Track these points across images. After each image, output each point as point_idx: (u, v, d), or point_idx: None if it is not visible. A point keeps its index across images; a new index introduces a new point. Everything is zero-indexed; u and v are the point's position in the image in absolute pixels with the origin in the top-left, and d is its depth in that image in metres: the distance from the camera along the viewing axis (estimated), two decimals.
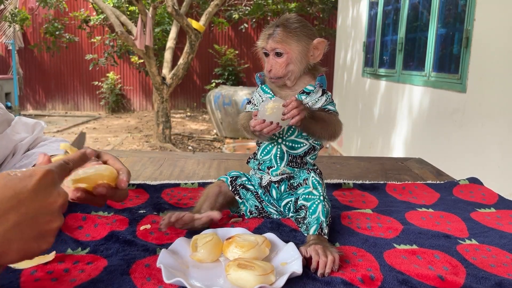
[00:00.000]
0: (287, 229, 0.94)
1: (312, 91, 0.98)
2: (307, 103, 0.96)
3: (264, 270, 0.69)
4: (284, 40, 0.93)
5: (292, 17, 0.96)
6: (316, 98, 0.98)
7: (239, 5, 9.97)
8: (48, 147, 1.07)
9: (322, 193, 0.92)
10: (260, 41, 0.97)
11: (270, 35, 0.94)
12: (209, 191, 0.99)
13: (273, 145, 0.98)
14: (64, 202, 0.60)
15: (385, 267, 0.78)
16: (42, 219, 0.57)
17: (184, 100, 11.15)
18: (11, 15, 8.46)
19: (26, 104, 11.01)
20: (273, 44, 0.94)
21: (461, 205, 1.15)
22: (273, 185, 0.98)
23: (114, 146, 6.98)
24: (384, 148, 4.59)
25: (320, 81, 0.98)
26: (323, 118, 0.95)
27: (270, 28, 0.96)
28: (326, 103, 0.98)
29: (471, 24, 2.95)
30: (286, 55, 0.94)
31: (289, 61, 0.94)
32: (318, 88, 0.98)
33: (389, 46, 4.72)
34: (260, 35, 0.97)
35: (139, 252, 0.81)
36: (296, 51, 0.94)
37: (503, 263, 0.82)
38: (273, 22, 0.97)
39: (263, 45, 0.96)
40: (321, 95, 0.98)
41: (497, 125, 2.66)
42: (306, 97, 0.97)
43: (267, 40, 0.94)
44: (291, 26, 0.94)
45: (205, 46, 10.28)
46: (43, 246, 0.58)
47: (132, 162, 1.56)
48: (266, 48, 0.95)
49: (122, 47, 9.64)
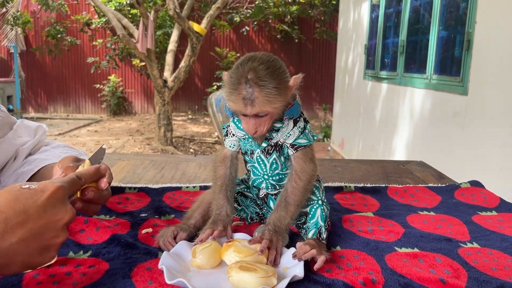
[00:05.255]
0: (289, 233, 0.94)
1: (281, 127, 0.88)
2: (278, 140, 0.88)
3: (266, 272, 0.69)
4: (266, 104, 0.79)
5: (261, 68, 0.78)
6: (287, 133, 0.88)
7: (240, 8, 9.99)
8: (50, 153, 1.07)
9: (320, 197, 0.91)
10: (233, 103, 0.80)
11: (246, 100, 0.78)
12: (204, 198, 0.96)
13: (261, 180, 0.94)
14: (70, 219, 0.62)
15: (387, 271, 0.78)
16: (48, 235, 0.59)
17: (186, 102, 11.17)
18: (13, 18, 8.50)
19: (28, 107, 11.03)
20: (255, 110, 0.79)
21: (462, 208, 1.15)
22: (270, 197, 0.96)
23: (116, 149, 6.98)
24: (386, 151, 4.59)
25: (289, 114, 0.86)
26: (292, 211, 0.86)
27: (240, 88, 0.78)
28: (297, 136, 0.88)
29: (472, 27, 2.95)
30: (270, 113, 0.82)
31: (272, 116, 0.83)
32: (287, 122, 0.87)
33: (390, 48, 4.72)
34: (227, 92, 0.81)
35: (141, 255, 0.81)
36: (279, 106, 0.82)
37: (505, 266, 0.82)
38: (238, 74, 0.79)
39: (240, 110, 0.81)
40: (292, 127, 0.88)
41: (498, 128, 2.65)
42: (276, 134, 0.88)
43: (245, 105, 0.79)
44: (268, 85, 0.78)
45: (207, 49, 10.30)
46: (46, 259, 0.60)
47: (133, 165, 1.56)
48: (245, 114, 0.81)
49: (123, 50, 9.67)
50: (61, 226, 0.61)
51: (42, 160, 1.01)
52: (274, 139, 0.89)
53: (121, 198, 1.15)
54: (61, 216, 0.60)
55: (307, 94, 11.14)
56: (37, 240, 0.58)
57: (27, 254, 0.57)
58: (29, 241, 0.57)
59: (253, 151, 0.92)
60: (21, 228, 0.56)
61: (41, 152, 1.08)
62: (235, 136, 0.92)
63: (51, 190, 0.60)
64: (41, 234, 0.58)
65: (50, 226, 0.59)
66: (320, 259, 0.78)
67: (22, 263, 0.57)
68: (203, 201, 0.96)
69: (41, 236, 0.58)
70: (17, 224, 0.56)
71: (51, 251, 0.60)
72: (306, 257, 0.77)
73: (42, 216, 0.58)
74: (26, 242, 0.57)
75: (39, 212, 0.58)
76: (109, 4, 8.42)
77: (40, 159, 1.02)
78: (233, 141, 0.93)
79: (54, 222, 0.60)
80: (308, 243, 0.80)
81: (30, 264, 0.58)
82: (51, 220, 0.59)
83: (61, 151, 1.09)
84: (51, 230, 0.59)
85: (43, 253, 0.59)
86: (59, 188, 0.61)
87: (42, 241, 0.58)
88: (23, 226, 0.56)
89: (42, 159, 1.01)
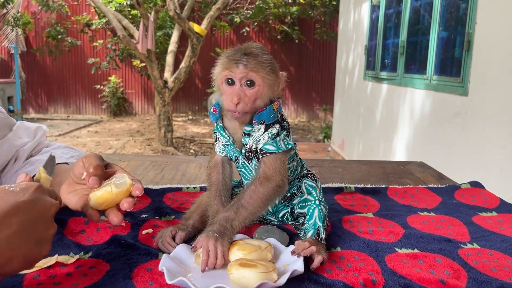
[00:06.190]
0: (288, 233, 0.94)
1: (251, 131, 0.86)
2: (251, 146, 0.87)
3: (266, 268, 0.70)
4: (257, 70, 0.81)
5: (258, 46, 0.84)
6: (257, 138, 0.86)
7: (240, 9, 10.00)
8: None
9: (317, 196, 0.91)
10: (222, 67, 0.82)
11: (238, 62, 0.81)
12: (203, 199, 0.96)
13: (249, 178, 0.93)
14: (55, 210, 0.65)
15: (387, 271, 0.78)
16: (41, 226, 0.62)
17: (186, 103, 11.18)
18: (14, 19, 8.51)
19: (28, 107, 11.04)
20: (245, 71, 0.80)
21: (462, 209, 1.15)
22: None
23: (116, 150, 6.98)
24: (386, 152, 4.59)
25: (258, 118, 0.84)
26: (244, 215, 0.81)
27: (235, 55, 0.82)
28: (265, 142, 0.85)
29: (472, 27, 2.95)
30: (258, 87, 0.82)
31: (258, 95, 0.82)
32: (257, 126, 0.85)
33: (390, 49, 4.72)
34: (220, 63, 0.84)
35: (141, 256, 0.81)
36: (267, 85, 0.83)
37: (505, 267, 0.82)
38: (234, 49, 0.83)
39: (230, 72, 0.81)
40: (263, 132, 0.85)
41: (499, 129, 2.65)
42: (248, 138, 0.87)
43: (236, 66, 0.81)
44: (263, 57, 0.82)
45: (207, 50, 10.30)
46: (44, 251, 0.62)
47: (134, 166, 1.56)
48: (233, 76, 0.81)
49: (124, 50, 9.68)
50: (50, 218, 0.63)
51: (43, 161, 1.01)
52: (248, 144, 0.87)
53: None
54: (48, 208, 0.63)
55: (307, 94, 11.15)
56: (33, 231, 0.60)
57: (26, 246, 0.59)
58: (26, 233, 0.59)
59: (237, 157, 0.91)
60: (15, 219, 0.58)
61: (42, 153, 1.08)
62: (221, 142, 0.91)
63: (34, 187, 0.63)
64: (34, 226, 0.60)
65: (41, 217, 0.62)
66: (317, 259, 0.78)
67: (23, 257, 0.59)
68: (202, 202, 0.96)
69: (35, 228, 0.60)
70: (11, 216, 0.58)
71: (46, 243, 0.62)
72: (305, 253, 0.77)
73: (32, 208, 0.61)
74: (22, 234, 0.59)
75: (29, 205, 0.61)
76: (109, 5, 8.43)
77: (41, 160, 1.02)
78: (221, 146, 0.92)
79: (44, 213, 0.62)
80: (307, 240, 0.81)
81: (30, 258, 0.60)
82: (40, 211, 0.62)
83: (62, 151, 1.09)
84: (42, 222, 0.62)
85: (40, 245, 0.61)
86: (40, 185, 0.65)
87: (36, 232, 0.60)
88: (16, 217, 0.59)
89: (43, 160, 1.02)
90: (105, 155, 1.73)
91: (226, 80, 0.83)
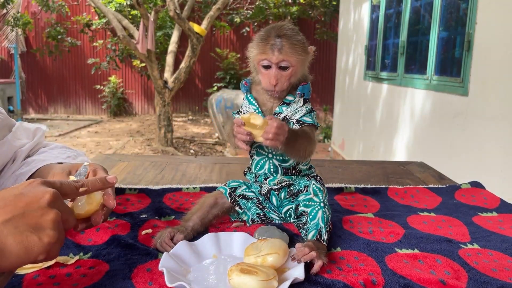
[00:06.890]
0: (289, 233, 0.94)
1: (292, 101, 0.94)
2: (287, 115, 0.93)
3: (267, 275, 0.69)
4: (292, 53, 0.88)
5: (289, 26, 0.90)
6: (296, 109, 0.94)
7: (240, 9, 10.00)
8: (48, 154, 1.07)
9: (323, 199, 0.91)
10: (259, 52, 0.89)
11: (274, 46, 0.87)
12: (204, 201, 0.97)
13: (265, 160, 0.96)
14: (51, 197, 0.62)
15: (387, 272, 0.78)
16: (34, 214, 0.60)
17: (186, 103, 11.17)
18: (14, 19, 8.50)
19: (28, 108, 11.04)
20: (281, 57, 0.87)
21: (463, 209, 1.15)
22: (273, 193, 0.97)
23: (116, 150, 6.99)
24: (386, 152, 4.59)
25: (302, 90, 0.93)
26: (301, 142, 0.90)
27: (269, 38, 0.88)
28: (303, 114, 0.94)
29: (472, 28, 2.95)
30: (292, 68, 0.89)
31: (293, 73, 0.90)
32: (298, 98, 0.94)
33: (391, 49, 4.72)
34: (255, 44, 0.90)
35: (141, 256, 0.81)
36: (301, 64, 0.90)
37: (505, 267, 0.82)
38: (267, 30, 0.90)
39: (267, 56, 0.88)
40: (301, 105, 0.94)
41: (499, 129, 2.65)
42: (286, 107, 0.94)
43: (272, 51, 0.87)
44: (295, 38, 0.89)
45: (207, 50, 10.30)
46: (44, 238, 0.59)
47: (134, 166, 1.56)
48: (270, 60, 0.88)
49: (124, 51, 9.67)
50: (45, 204, 0.61)
51: (40, 161, 1.01)
52: (284, 113, 0.93)
53: (121, 199, 1.15)
54: (41, 195, 0.61)
55: None
56: (23, 219, 0.59)
57: (18, 233, 0.58)
58: (15, 221, 0.58)
59: None
60: (1, 211, 0.58)
61: (39, 153, 1.08)
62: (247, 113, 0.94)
63: (25, 184, 0.63)
64: (25, 214, 0.59)
65: (32, 206, 0.60)
66: (317, 264, 0.77)
67: (18, 243, 0.57)
68: (203, 204, 0.96)
69: (27, 216, 0.59)
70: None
71: (45, 229, 0.60)
72: (305, 260, 0.77)
73: (20, 199, 0.60)
74: (11, 222, 0.58)
75: (17, 198, 0.60)
76: (109, 5, 8.43)
77: (38, 160, 1.02)
78: None
79: (34, 201, 0.61)
80: (307, 245, 0.80)
81: (28, 244, 0.58)
82: (31, 200, 0.60)
83: (59, 151, 1.09)
84: (34, 209, 0.60)
85: (37, 231, 0.59)
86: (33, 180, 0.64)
87: (29, 219, 0.59)
88: (3, 209, 0.58)
89: (40, 159, 1.02)
90: (105, 155, 1.73)
91: (262, 64, 0.90)
